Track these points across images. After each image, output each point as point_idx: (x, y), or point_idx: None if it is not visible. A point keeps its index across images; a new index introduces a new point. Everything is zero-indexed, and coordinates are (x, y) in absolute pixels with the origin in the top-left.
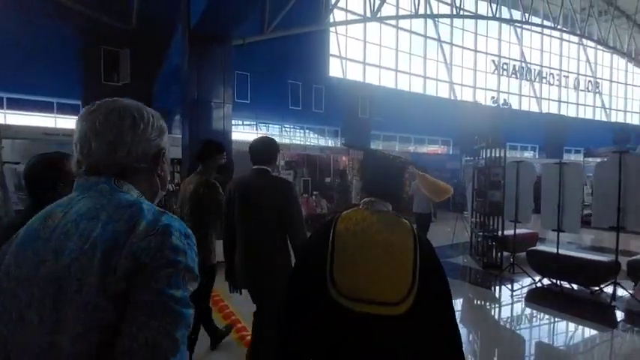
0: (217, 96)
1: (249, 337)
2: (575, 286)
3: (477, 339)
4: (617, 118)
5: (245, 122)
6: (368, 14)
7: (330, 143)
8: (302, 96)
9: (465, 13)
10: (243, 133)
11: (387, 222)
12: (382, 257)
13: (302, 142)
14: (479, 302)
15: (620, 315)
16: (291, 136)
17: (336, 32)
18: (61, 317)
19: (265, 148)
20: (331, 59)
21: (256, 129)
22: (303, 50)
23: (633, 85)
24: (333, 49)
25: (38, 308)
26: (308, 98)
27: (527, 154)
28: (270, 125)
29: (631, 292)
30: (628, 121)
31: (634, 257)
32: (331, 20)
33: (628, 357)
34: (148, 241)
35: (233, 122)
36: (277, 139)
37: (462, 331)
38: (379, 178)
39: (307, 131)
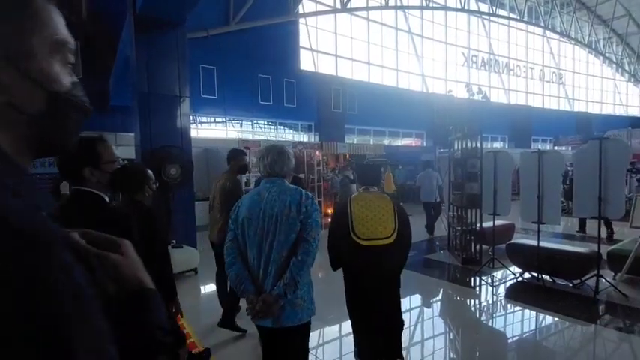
0: (171, 89)
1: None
2: (556, 279)
3: (458, 337)
4: (579, 107)
5: (217, 120)
6: (338, 5)
7: (304, 138)
8: (273, 90)
9: (435, 5)
10: (216, 130)
11: (378, 197)
12: (378, 214)
13: (274, 138)
14: (460, 300)
15: (603, 308)
16: (265, 132)
17: (306, 24)
18: (278, 228)
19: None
20: (302, 52)
21: (226, 126)
22: (273, 43)
23: (593, 76)
24: (303, 41)
25: (265, 227)
26: (279, 92)
27: (497, 145)
28: (242, 122)
29: (612, 281)
30: (590, 110)
31: (614, 247)
32: (300, 11)
33: (612, 351)
34: (307, 202)
35: (203, 120)
36: (249, 136)
37: (444, 328)
38: (367, 175)
39: (280, 127)
